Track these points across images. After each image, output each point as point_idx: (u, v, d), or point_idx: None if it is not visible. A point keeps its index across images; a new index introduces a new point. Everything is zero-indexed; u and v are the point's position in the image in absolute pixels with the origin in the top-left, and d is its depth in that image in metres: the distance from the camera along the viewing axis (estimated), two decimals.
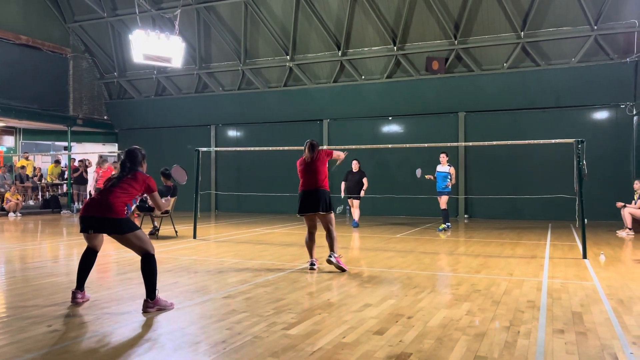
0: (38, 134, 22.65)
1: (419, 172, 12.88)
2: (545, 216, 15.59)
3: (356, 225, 13.61)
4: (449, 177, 12.45)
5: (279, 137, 18.63)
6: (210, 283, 6.19)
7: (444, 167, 12.57)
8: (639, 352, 3.75)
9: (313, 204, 7.00)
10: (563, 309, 4.99)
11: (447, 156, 12.73)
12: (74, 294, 5.11)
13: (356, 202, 13.84)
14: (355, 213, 13.91)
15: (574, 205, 11.76)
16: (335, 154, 7.40)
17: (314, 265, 7.11)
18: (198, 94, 20.61)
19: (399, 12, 16.47)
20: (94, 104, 22.06)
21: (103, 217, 4.88)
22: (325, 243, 7.23)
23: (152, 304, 4.82)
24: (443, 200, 12.53)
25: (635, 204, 11.73)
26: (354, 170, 13.86)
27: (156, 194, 5.29)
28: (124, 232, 4.88)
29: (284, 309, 4.91)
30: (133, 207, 5.19)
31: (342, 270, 6.93)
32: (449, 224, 12.72)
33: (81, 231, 5.00)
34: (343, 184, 13.96)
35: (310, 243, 7.23)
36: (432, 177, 12.80)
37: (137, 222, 11.56)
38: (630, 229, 11.73)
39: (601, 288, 5.96)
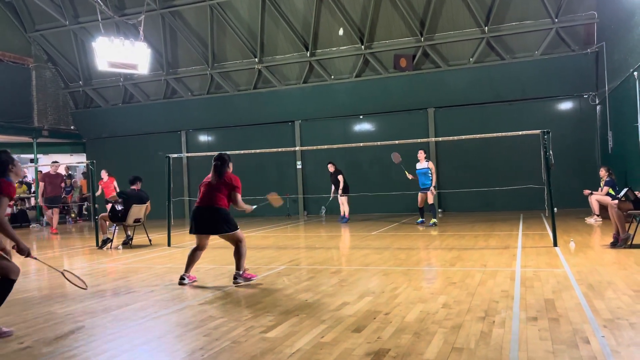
0: (2, 147, 22.02)
1: (396, 157, 13.01)
2: (517, 207, 15.87)
3: (346, 221, 14.66)
4: (429, 172, 12.63)
5: (251, 140, 18.54)
6: (186, 290, 6.13)
7: (422, 164, 12.75)
8: (609, 334, 3.85)
9: (208, 224, 6.33)
10: (536, 296, 5.10)
11: (425, 152, 12.99)
12: None
13: (344, 199, 14.82)
14: (342, 209, 14.92)
15: (543, 194, 12.00)
16: (240, 203, 6.66)
17: (184, 280, 6.40)
18: (167, 99, 20.36)
19: (365, 10, 16.57)
20: (59, 114, 21.57)
21: None
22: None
23: None
24: (430, 196, 12.74)
25: (601, 190, 12.02)
26: (330, 171, 14.93)
27: None
28: None
29: (262, 312, 4.89)
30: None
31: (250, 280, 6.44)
32: (434, 220, 12.80)
33: None
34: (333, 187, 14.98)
35: (192, 257, 6.55)
36: (412, 177, 12.97)
37: (109, 233, 11.42)
38: (597, 215, 12.02)
39: (572, 274, 6.11)
